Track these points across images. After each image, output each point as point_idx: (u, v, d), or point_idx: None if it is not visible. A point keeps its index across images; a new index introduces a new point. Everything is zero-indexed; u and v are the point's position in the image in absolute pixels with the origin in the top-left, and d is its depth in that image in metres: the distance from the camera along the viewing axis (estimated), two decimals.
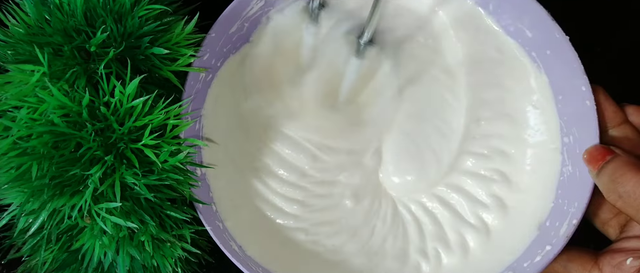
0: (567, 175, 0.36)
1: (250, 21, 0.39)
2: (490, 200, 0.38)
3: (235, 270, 0.34)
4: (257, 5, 0.38)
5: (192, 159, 0.34)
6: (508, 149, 0.39)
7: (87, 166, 0.30)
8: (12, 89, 0.31)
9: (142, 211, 0.31)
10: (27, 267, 0.35)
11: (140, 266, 0.33)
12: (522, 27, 0.38)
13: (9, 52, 0.32)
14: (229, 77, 0.39)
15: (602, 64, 0.43)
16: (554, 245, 0.34)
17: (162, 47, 0.33)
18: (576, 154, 0.35)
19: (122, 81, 0.31)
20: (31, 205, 0.30)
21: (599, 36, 0.45)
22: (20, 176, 0.30)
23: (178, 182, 0.32)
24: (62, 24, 0.32)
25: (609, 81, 0.36)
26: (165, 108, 0.32)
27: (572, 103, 0.36)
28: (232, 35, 0.38)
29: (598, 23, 0.45)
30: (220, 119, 0.38)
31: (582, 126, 0.35)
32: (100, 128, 0.31)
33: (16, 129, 0.30)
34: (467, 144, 0.39)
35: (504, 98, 0.39)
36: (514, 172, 0.39)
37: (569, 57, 0.35)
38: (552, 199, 0.37)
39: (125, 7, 0.32)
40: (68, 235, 0.33)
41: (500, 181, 0.38)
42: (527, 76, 0.39)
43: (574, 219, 0.34)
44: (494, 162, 0.39)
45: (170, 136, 0.32)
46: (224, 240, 0.35)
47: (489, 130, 0.39)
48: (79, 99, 0.30)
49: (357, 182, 0.39)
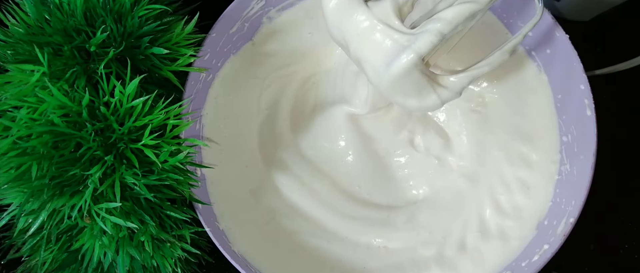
0: (565, 174, 0.36)
1: (251, 21, 0.39)
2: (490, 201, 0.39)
3: (235, 270, 0.34)
4: (258, 5, 0.38)
5: (192, 160, 0.34)
6: (508, 149, 0.39)
7: (87, 166, 0.30)
8: (12, 89, 0.31)
9: (142, 212, 0.31)
10: (26, 267, 0.35)
11: (140, 266, 0.33)
12: (522, 26, 0.38)
13: (9, 52, 0.32)
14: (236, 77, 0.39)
15: (602, 64, 0.43)
16: (552, 244, 0.34)
17: (162, 47, 0.33)
18: (574, 153, 0.36)
19: (122, 81, 0.31)
20: (31, 205, 0.30)
21: (599, 36, 0.46)
22: (20, 176, 0.30)
23: (178, 182, 0.32)
24: (62, 24, 0.32)
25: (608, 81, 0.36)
26: (165, 108, 0.32)
27: (571, 102, 0.36)
28: (232, 35, 0.38)
29: (598, 22, 0.46)
30: (221, 120, 0.38)
31: (580, 126, 0.35)
32: (100, 128, 0.31)
33: (16, 129, 0.30)
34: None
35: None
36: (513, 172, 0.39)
37: (569, 56, 0.35)
38: (550, 198, 0.37)
39: (125, 7, 0.32)
40: (68, 235, 0.33)
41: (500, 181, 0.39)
42: (527, 74, 0.39)
43: (571, 217, 0.34)
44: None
45: (170, 136, 0.32)
46: (222, 240, 0.35)
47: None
48: (78, 99, 0.30)
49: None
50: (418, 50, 0.28)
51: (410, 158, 0.41)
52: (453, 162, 0.40)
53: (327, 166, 0.41)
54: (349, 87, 0.40)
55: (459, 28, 0.29)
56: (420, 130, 0.41)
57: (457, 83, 0.31)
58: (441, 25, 0.28)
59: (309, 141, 0.41)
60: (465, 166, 0.40)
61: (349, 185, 0.40)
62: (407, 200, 0.40)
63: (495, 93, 0.40)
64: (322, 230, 0.39)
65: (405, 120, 0.40)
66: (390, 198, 0.40)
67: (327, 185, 0.40)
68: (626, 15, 0.45)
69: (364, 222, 0.39)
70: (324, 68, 0.42)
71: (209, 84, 0.38)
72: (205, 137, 0.38)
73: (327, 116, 0.41)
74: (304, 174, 0.40)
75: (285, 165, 0.40)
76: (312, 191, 0.40)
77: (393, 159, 0.41)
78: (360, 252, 0.38)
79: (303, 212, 0.39)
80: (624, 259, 0.42)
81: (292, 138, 0.41)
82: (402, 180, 0.41)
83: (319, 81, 0.42)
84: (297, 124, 0.41)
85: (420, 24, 0.30)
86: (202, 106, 0.38)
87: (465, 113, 0.40)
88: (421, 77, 0.29)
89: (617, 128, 0.42)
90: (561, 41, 0.36)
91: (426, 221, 0.39)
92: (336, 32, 0.30)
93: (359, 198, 0.40)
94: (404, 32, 0.29)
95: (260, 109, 0.41)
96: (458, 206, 0.39)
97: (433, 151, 0.40)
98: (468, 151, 0.40)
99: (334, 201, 0.40)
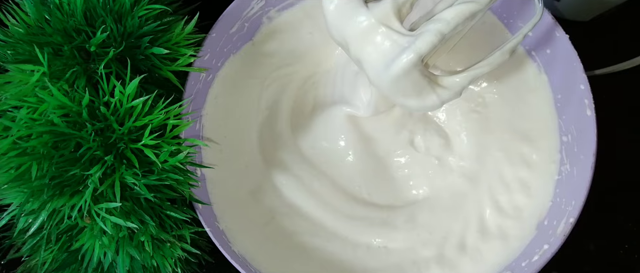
0: (565, 174, 0.36)
1: (251, 21, 0.39)
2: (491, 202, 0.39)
3: (235, 270, 0.34)
4: (258, 5, 0.38)
5: (192, 159, 0.34)
6: (508, 149, 0.39)
7: (87, 166, 0.30)
8: (12, 89, 0.31)
9: (142, 212, 0.31)
10: (26, 267, 0.35)
11: (140, 266, 0.33)
12: (522, 26, 0.38)
13: (9, 52, 0.32)
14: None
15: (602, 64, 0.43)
16: (552, 244, 0.34)
17: (162, 47, 0.33)
18: (574, 152, 0.36)
19: (122, 81, 0.31)
20: (31, 205, 0.30)
21: (599, 36, 0.46)
22: (20, 176, 0.30)
23: (178, 182, 0.32)
24: (62, 24, 0.32)
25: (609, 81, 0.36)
26: (165, 108, 0.32)
27: (571, 102, 0.36)
28: (232, 35, 0.38)
29: (598, 22, 0.46)
30: (221, 120, 0.38)
31: (580, 126, 0.35)
32: (100, 128, 0.31)
33: (16, 129, 0.30)
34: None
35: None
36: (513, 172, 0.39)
37: (569, 56, 0.35)
38: (550, 198, 0.37)
39: (125, 7, 0.32)
40: (68, 235, 0.33)
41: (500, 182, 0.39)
42: (527, 74, 0.39)
43: (571, 217, 0.34)
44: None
45: (170, 136, 0.32)
46: (222, 240, 0.35)
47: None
48: (78, 99, 0.30)
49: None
50: (418, 50, 0.28)
51: (410, 158, 0.41)
52: (453, 162, 0.40)
53: (327, 166, 0.41)
54: (348, 87, 0.40)
55: (458, 28, 0.29)
56: (420, 130, 0.41)
57: (457, 83, 0.31)
58: (441, 26, 0.28)
59: (309, 141, 0.41)
60: (465, 166, 0.40)
61: (349, 185, 0.40)
62: (407, 200, 0.40)
63: (495, 93, 0.40)
64: (322, 230, 0.39)
65: (406, 120, 0.40)
66: (391, 198, 0.40)
67: (327, 185, 0.40)
68: (626, 15, 0.45)
69: (364, 222, 0.39)
70: (324, 68, 0.42)
71: (209, 84, 0.38)
72: (205, 137, 0.38)
73: (327, 116, 0.41)
74: (304, 174, 0.40)
75: (285, 165, 0.40)
76: (312, 191, 0.40)
77: (393, 159, 0.41)
78: (360, 252, 0.38)
79: (303, 212, 0.39)
80: (624, 259, 0.42)
81: (292, 138, 0.41)
82: (402, 180, 0.41)
83: (318, 81, 0.42)
84: (297, 124, 0.41)
85: (420, 24, 0.30)
86: (202, 106, 0.38)
87: (465, 113, 0.40)
88: (421, 78, 0.30)
89: (617, 128, 0.42)
90: (561, 41, 0.36)
91: (426, 221, 0.39)
92: (336, 34, 0.31)
93: (359, 198, 0.40)
94: (403, 34, 0.29)
95: (260, 109, 0.41)
96: (458, 206, 0.39)
97: (433, 151, 0.40)
98: (468, 151, 0.40)
99: (334, 201, 0.40)
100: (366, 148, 0.40)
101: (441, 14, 0.29)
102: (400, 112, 0.40)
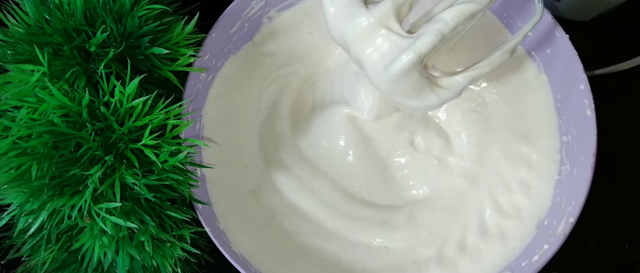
0: (565, 174, 0.36)
1: (251, 21, 0.39)
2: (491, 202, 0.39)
3: (235, 270, 0.34)
4: (258, 5, 0.38)
5: (192, 159, 0.34)
6: (508, 149, 0.39)
7: (87, 166, 0.30)
8: (12, 89, 0.31)
9: (142, 212, 0.31)
10: (26, 267, 0.35)
11: (140, 266, 0.33)
12: (522, 26, 0.38)
13: (9, 52, 0.32)
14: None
15: (602, 64, 0.43)
16: (552, 244, 0.34)
17: (162, 47, 0.33)
18: (574, 152, 0.36)
19: (122, 81, 0.31)
20: (31, 205, 0.30)
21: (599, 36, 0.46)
22: (20, 176, 0.30)
23: (178, 182, 0.32)
24: (62, 24, 0.32)
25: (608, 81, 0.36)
26: (165, 108, 0.32)
27: (571, 102, 0.36)
28: (232, 35, 0.38)
29: (598, 22, 0.46)
30: (221, 120, 0.38)
31: (580, 126, 0.35)
32: (100, 128, 0.31)
33: (16, 129, 0.30)
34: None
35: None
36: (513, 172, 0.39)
37: (569, 56, 0.35)
38: (550, 198, 0.37)
39: (125, 7, 0.32)
40: (68, 235, 0.33)
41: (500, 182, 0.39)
42: (527, 74, 0.39)
43: (571, 217, 0.34)
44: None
45: (170, 136, 0.32)
46: (222, 240, 0.35)
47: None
48: (78, 99, 0.30)
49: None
50: (418, 50, 0.28)
51: (410, 158, 0.41)
52: (453, 162, 0.40)
53: (327, 166, 0.41)
54: (348, 88, 0.40)
55: (458, 28, 0.29)
56: (420, 130, 0.41)
57: (457, 83, 0.31)
58: (441, 26, 0.28)
59: (309, 141, 0.41)
60: (465, 166, 0.40)
61: (349, 185, 0.40)
62: (407, 200, 0.40)
63: (495, 93, 0.40)
64: (322, 230, 0.39)
65: (406, 121, 0.40)
66: (390, 198, 0.40)
67: (327, 185, 0.40)
68: (626, 15, 0.45)
69: (364, 222, 0.39)
70: (323, 68, 0.42)
71: (209, 84, 0.38)
72: (205, 137, 0.38)
73: (327, 116, 0.41)
74: (304, 174, 0.40)
75: (285, 165, 0.40)
76: (312, 191, 0.40)
77: (393, 159, 0.41)
78: (360, 252, 0.38)
79: (303, 212, 0.39)
80: (624, 259, 0.42)
81: (292, 138, 0.41)
82: (402, 180, 0.41)
83: (318, 81, 0.42)
84: (297, 124, 0.41)
85: (420, 24, 0.30)
86: (202, 106, 0.38)
87: (465, 113, 0.40)
88: (420, 78, 0.30)
89: (617, 128, 0.42)
90: (561, 41, 0.36)
91: (426, 221, 0.39)
92: (337, 35, 0.31)
93: (359, 198, 0.40)
94: (403, 36, 0.29)
95: (260, 109, 0.41)
96: (458, 206, 0.39)
97: (433, 151, 0.40)
98: (468, 151, 0.40)
99: (334, 201, 0.40)
100: (366, 148, 0.40)
101: (441, 15, 0.29)
102: (400, 112, 0.40)
